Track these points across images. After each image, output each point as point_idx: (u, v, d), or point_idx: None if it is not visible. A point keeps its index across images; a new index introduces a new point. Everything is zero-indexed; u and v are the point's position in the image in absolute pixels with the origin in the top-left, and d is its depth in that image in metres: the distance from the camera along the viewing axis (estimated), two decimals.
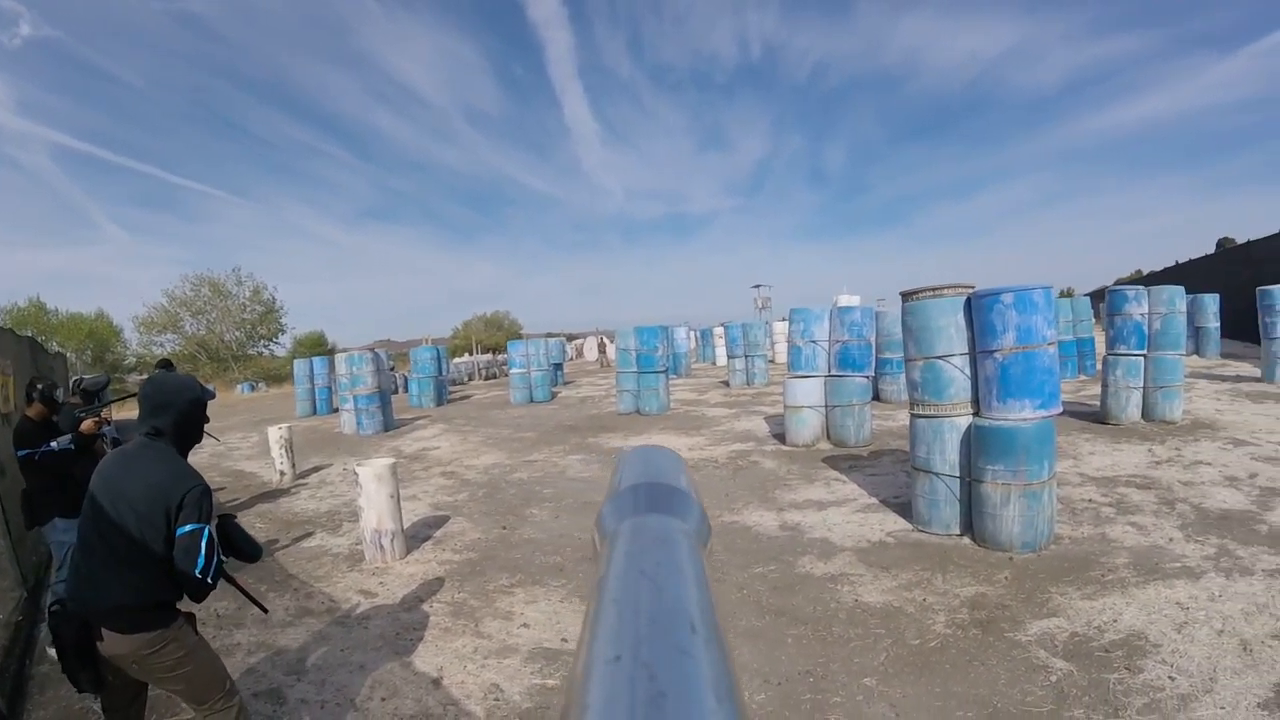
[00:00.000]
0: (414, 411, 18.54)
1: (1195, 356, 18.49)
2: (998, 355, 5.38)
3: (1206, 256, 29.30)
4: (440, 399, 20.23)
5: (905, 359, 6.21)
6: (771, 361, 23.24)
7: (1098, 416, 10.23)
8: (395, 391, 23.07)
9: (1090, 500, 6.47)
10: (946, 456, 5.73)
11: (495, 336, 58.44)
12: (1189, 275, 28.15)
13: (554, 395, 20.19)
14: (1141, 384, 9.69)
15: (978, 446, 5.48)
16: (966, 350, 5.70)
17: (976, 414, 5.68)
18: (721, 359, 26.47)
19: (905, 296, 6.00)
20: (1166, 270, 36.20)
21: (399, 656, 4.22)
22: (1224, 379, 14.07)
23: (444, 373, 21.32)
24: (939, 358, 5.75)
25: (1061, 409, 5.55)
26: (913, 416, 6.11)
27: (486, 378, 33.64)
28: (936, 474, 5.79)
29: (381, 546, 5.91)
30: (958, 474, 5.69)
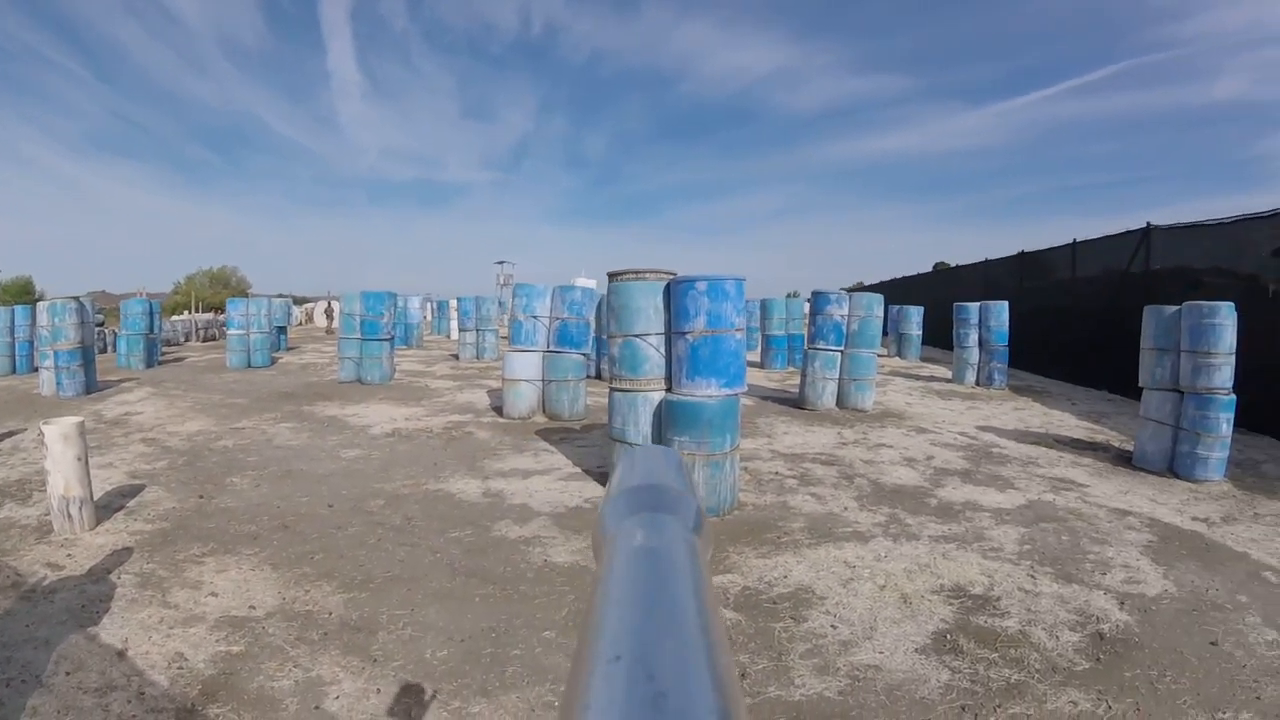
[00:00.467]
0: (121, 373, 16.68)
1: (898, 359, 20.98)
2: (689, 337, 5.88)
3: (920, 275, 32.92)
4: (151, 360, 18.21)
5: (608, 336, 6.62)
6: (504, 338, 23.42)
7: (797, 403, 11.37)
8: (103, 350, 20.85)
9: (777, 473, 7.20)
10: (640, 428, 6.18)
11: (221, 294, 50.55)
12: (902, 289, 31.61)
13: (274, 361, 18.97)
14: (837, 376, 10.90)
15: (668, 419, 5.96)
16: (663, 331, 6.17)
17: (669, 390, 6.16)
18: (456, 332, 26.14)
19: (611, 277, 6.39)
20: (883, 283, 40.13)
21: (84, 629, 3.95)
22: (919, 378, 16.08)
23: (156, 331, 19.26)
24: (637, 336, 6.18)
25: (745, 389, 6.17)
26: (611, 390, 6.52)
27: (205, 339, 30.84)
28: (630, 444, 6.22)
29: (70, 515, 5.45)
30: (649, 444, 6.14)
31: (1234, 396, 7.21)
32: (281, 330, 23.53)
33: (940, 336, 22.09)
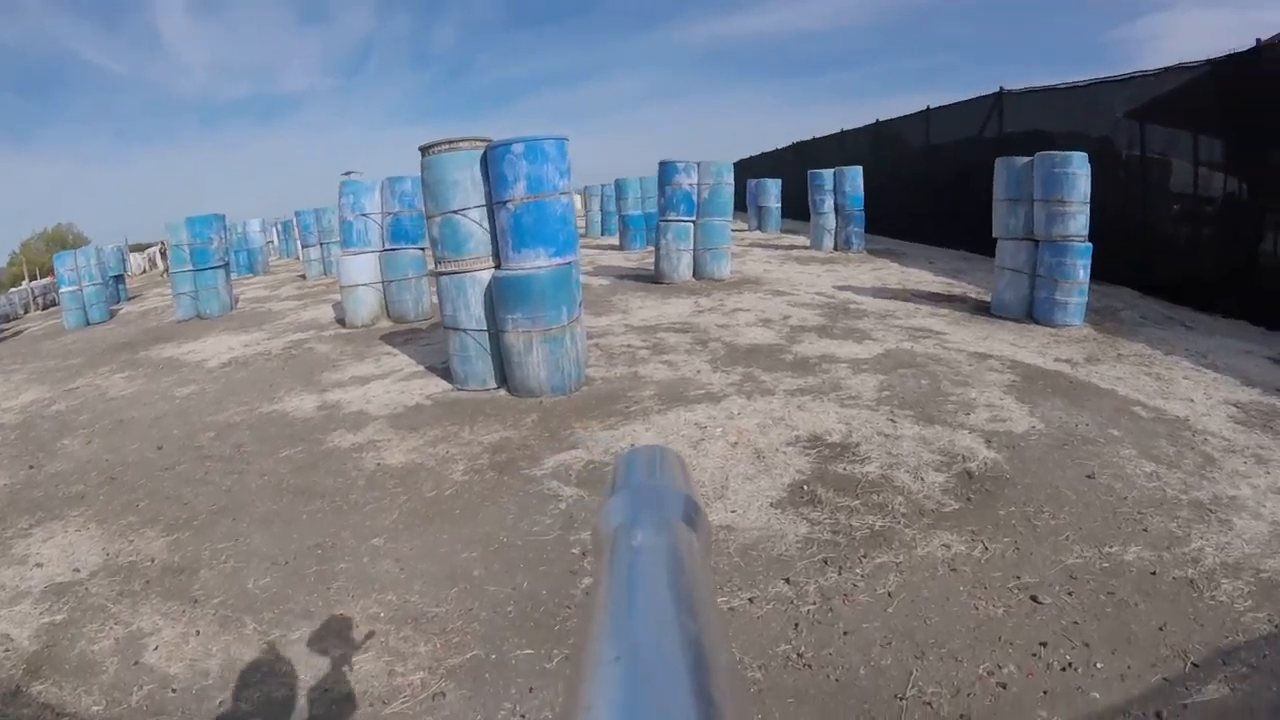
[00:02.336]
0: None
1: (758, 232, 20.97)
2: (510, 205, 5.29)
3: (779, 149, 32.67)
4: None
5: (425, 216, 5.96)
6: None
7: (654, 278, 10.98)
8: None
9: (629, 346, 6.84)
10: (472, 312, 5.62)
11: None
12: (762, 165, 31.41)
13: (114, 313, 17.41)
14: (691, 247, 10.51)
15: (498, 298, 5.42)
16: (485, 204, 5.55)
17: (497, 267, 5.58)
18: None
19: (424, 151, 5.67)
20: (743, 160, 39.99)
21: None
22: (778, 248, 15.96)
23: None
24: (455, 212, 5.54)
25: (576, 256, 5.66)
26: (437, 275, 5.91)
27: (46, 306, 28.31)
28: (465, 330, 5.69)
29: None
30: (485, 328, 5.62)
31: (1090, 244, 7.21)
32: (119, 279, 21.69)
33: (800, 210, 21.95)
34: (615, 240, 18.55)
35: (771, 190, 21.05)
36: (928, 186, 16.11)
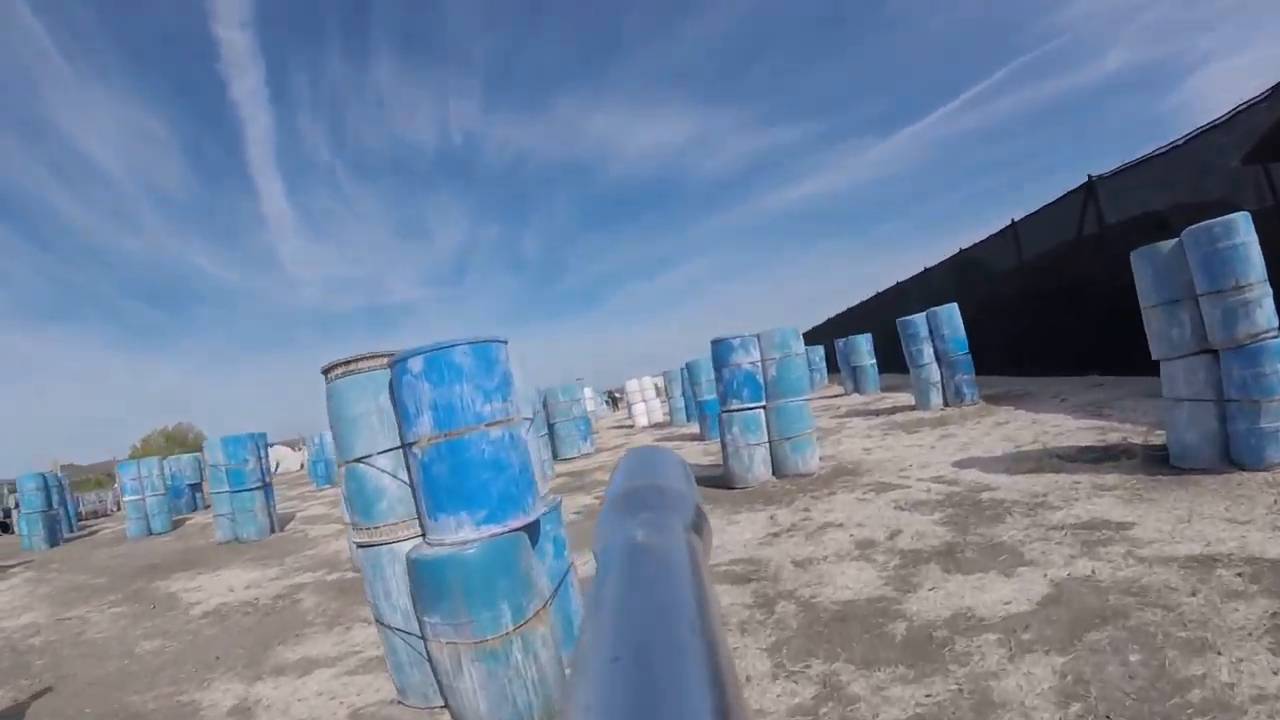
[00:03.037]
0: (20, 555, 15.34)
1: (855, 395, 18.91)
2: (416, 450, 3.42)
3: (860, 303, 30.93)
4: (54, 537, 16.57)
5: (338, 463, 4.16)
6: None
7: (724, 481, 8.81)
8: (9, 531, 20.21)
9: None
10: (394, 602, 3.70)
11: (177, 452, 48.70)
12: (846, 323, 29.61)
13: (178, 524, 16.85)
14: (765, 439, 8.40)
15: (414, 587, 3.46)
16: (399, 444, 3.73)
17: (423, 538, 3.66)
18: None
19: (324, 375, 3.97)
20: (826, 322, 38.33)
21: None
22: (879, 413, 13.76)
23: (56, 505, 17.58)
24: (360, 460, 3.74)
25: (531, 517, 3.59)
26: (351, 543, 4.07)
27: None
28: (391, 628, 3.73)
29: None
30: (414, 628, 3.63)
31: None
32: (195, 488, 21.79)
33: (897, 363, 20.39)
34: (696, 427, 16.67)
35: (863, 347, 19.12)
36: (1029, 306, 14.35)
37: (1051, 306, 13.39)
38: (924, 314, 12.56)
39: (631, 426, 23.08)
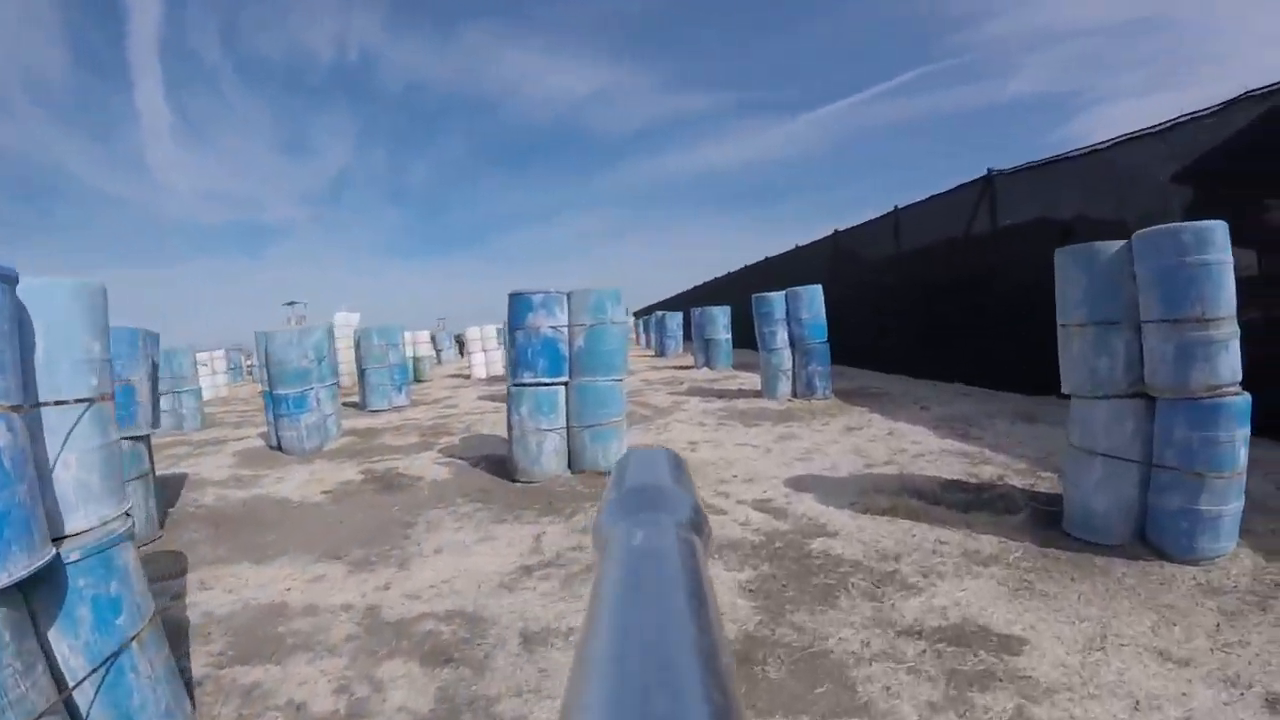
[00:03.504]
0: None
1: (706, 369, 17.55)
2: None
3: (728, 274, 29.76)
4: None
5: None
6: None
7: (504, 470, 6.94)
8: None
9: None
10: None
11: None
12: (710, 294, 28.34)
13: None
14: (562, 423, 6.58)
15: None
16: None
17: None
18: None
19: None
20: (693, 289, 37.27)
21: None
22: (723, 395, 12.27)
23: None
24: None
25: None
26: None
27: None
28: None
29: None
30: None
31: (1247, 396, 3.68)
32: None
33: (753, 339, 19.15)
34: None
35: (719, 319, 17.77)
36: (903, 302, 13.17)
37: (927, 303, 12.21)
38: (783, 293, 11.04)
39: (468, 377, 20.87)
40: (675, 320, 23.54)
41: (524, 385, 6.49)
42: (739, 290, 24.86)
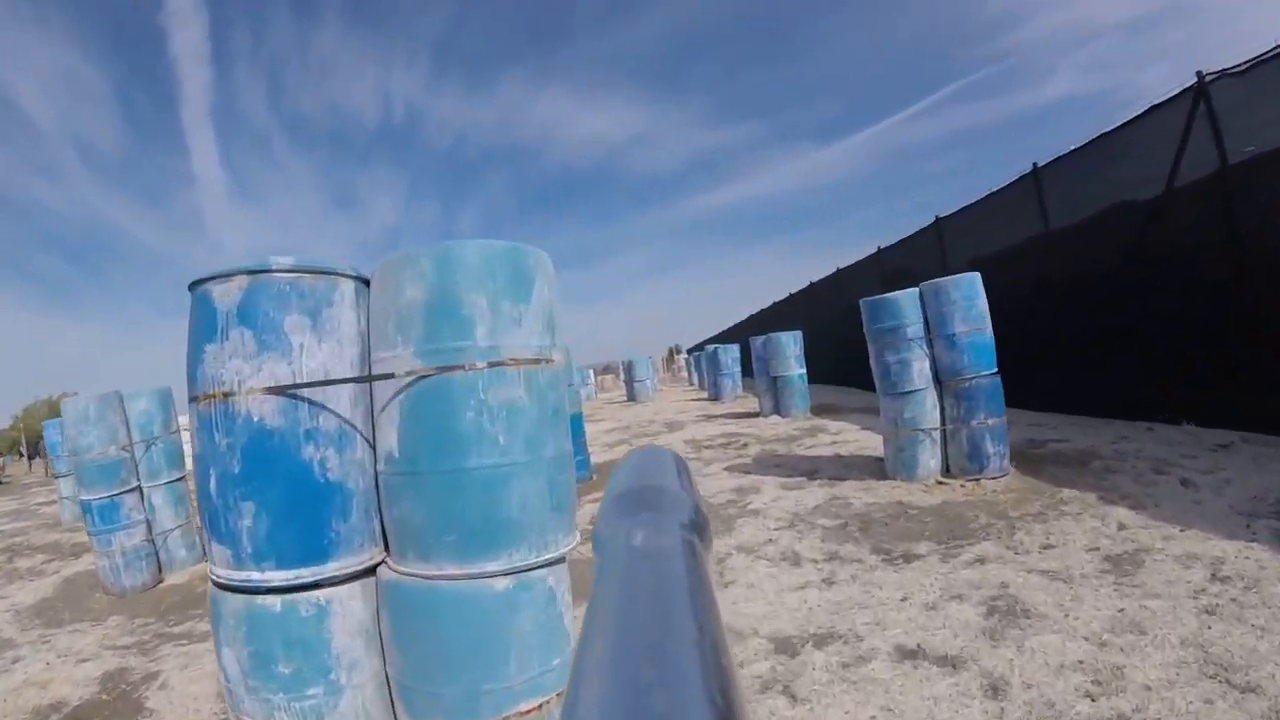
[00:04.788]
0: None
1: (776, 417, 13.10)
2: None
3: (788, 295, 25.59)
4: None
5: None
6: None
7: None
8: None
9: None
10: None
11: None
12: (778, 319, 24.78)
13: None
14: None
15: None
16: None
17: None
18: None
19: None
20: (749, 318, 34.06)
21: None
22: (816, 469, 7.76)
23: None
24: None
25: None
26: None
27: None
28: None
29: None
30: None
31: None
32: None
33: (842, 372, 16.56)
34: None
35: (789, 349, 13.46)
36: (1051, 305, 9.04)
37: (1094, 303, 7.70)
38: (915, 290, 6.42)
39: None
40: (730, 354, 18.94)
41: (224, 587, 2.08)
42: (804, 313, 20.48)
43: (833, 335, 16.80)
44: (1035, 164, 9.02)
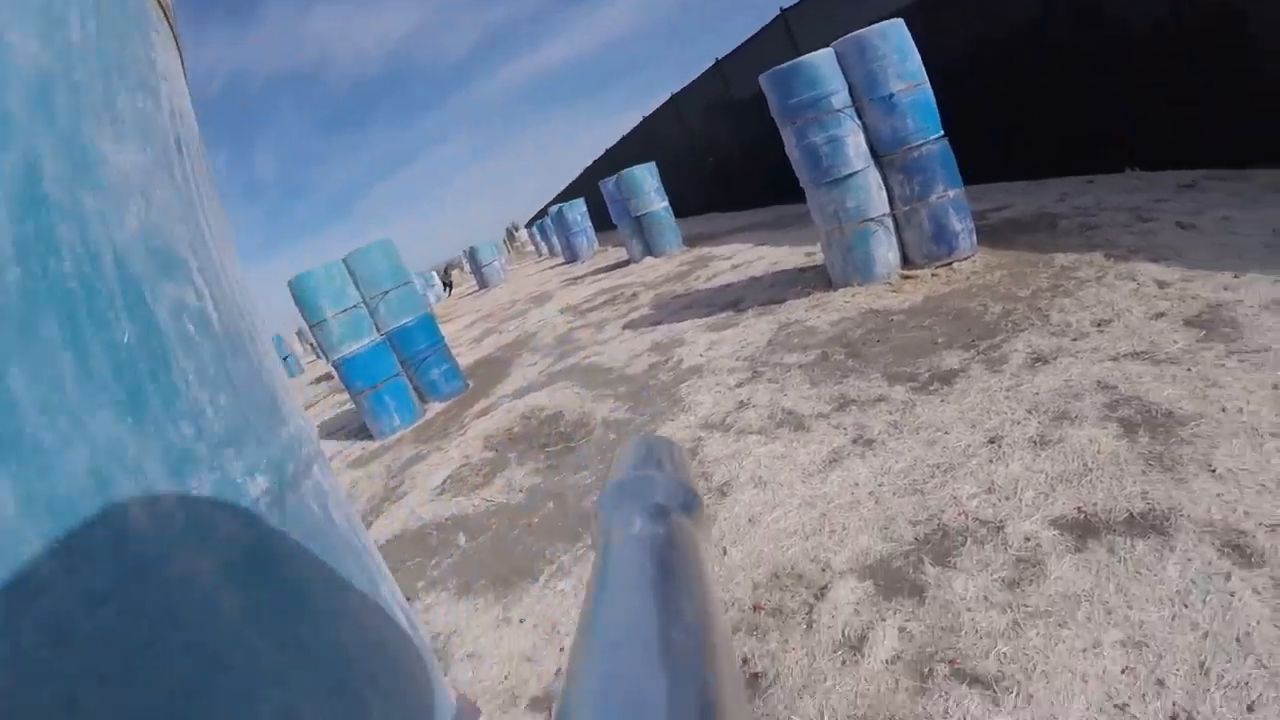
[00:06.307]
0: None
1: (650, 258, 11.70)
2: None
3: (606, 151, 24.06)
4: None
5: None
6: None
7: None
8: None
9: None
10: None
11: None
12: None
13: None
14: None
15: None
16: None
17: None
18: None
19: None
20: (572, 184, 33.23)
21: None
22: (738, 299, 6.48)
23: None
24: None
25: None
26: None
27: None
28: None
29: None
30: None
31: None
32: None
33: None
34: None
35: (647, 183, 12.02)
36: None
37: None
38: (829, 50, 5.00)
39: None
40: (577, 209, 17.28)
41: None
42: (644, 153, 18.96)
43: (680, 165, 15.41)
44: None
